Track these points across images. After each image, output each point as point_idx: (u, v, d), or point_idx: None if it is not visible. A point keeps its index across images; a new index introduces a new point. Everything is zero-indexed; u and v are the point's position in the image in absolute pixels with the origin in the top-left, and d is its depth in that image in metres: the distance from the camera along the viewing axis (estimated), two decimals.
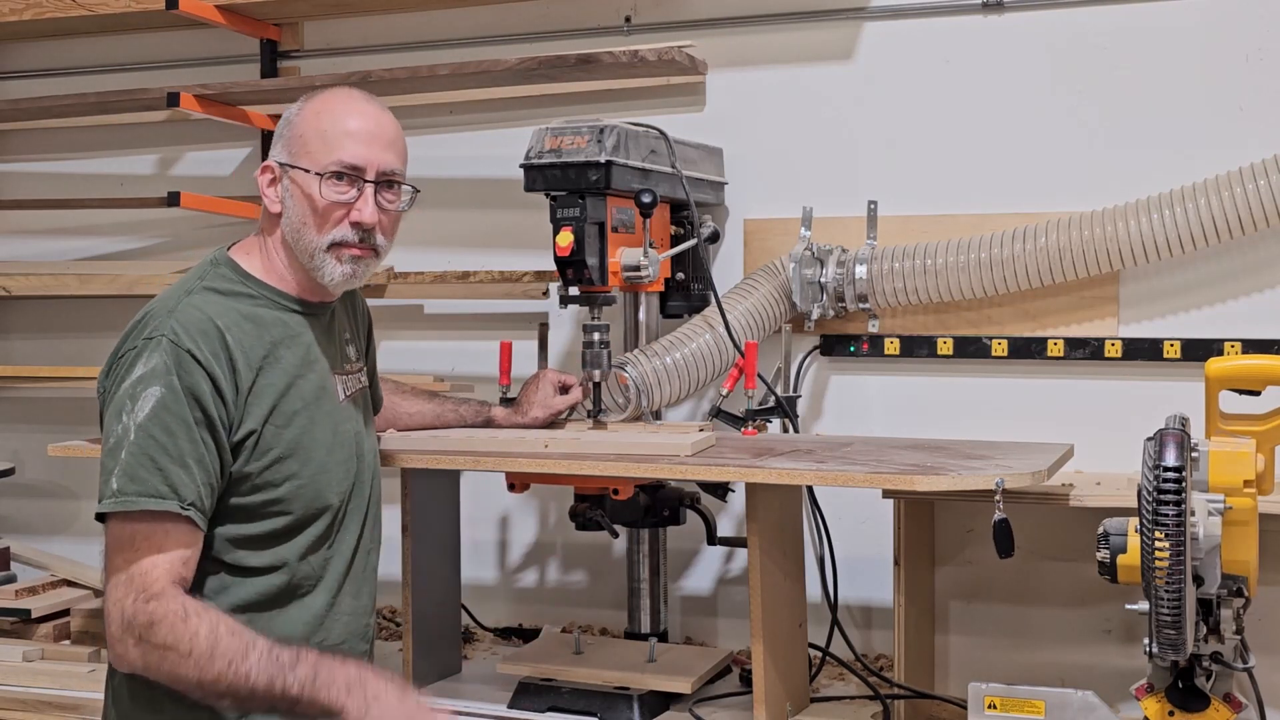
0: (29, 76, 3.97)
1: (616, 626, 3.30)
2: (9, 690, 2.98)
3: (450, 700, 2.82)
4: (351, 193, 2.09)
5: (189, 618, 1.87)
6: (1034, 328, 3.04)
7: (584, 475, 2.56)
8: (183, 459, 1.92)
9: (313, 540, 2.07)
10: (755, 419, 2.94)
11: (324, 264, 2.10)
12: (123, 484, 1.90)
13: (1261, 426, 2.15)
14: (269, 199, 2.12)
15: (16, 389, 3.86)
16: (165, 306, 2.01)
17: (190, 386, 1.93)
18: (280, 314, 2.09)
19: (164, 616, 1.87)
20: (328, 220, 2.09)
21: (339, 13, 3.60)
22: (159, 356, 1.94)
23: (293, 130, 2.11)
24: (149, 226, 3.86)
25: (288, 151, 2.10)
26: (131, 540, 1.90)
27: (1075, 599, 2.93)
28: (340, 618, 2.12)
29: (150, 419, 1.91)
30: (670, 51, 3.07)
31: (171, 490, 1.91)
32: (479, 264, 3.45)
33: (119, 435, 1.92)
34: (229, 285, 2.07)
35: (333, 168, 2.08)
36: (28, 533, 3.90)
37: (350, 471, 2.15)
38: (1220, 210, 2.76)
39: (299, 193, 2.09)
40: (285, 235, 2.11)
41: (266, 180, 2.12)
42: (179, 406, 1.92)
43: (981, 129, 3.08)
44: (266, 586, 2.03)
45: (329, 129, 2.09)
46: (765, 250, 3.20)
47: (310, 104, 2.13)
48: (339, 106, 2.12)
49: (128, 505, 1.90)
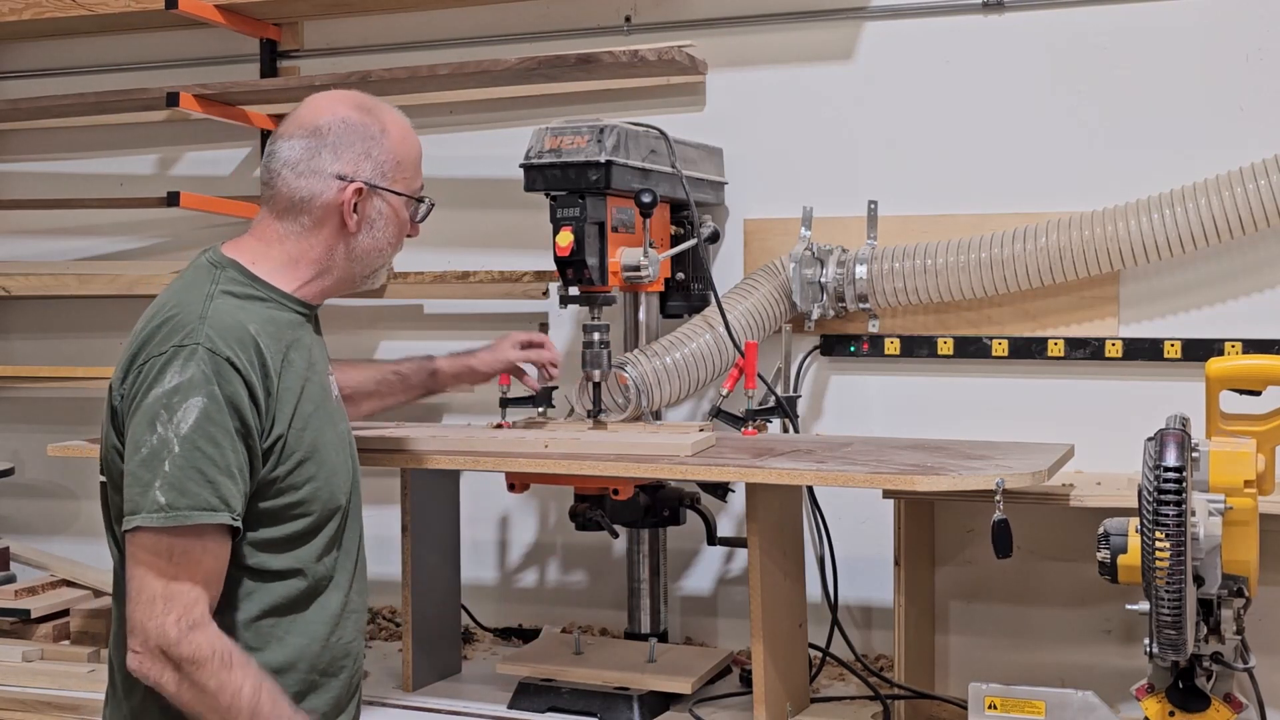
0: (29, 76, 3.97)
1: (616, 626, 3.30)
2: (9, 690, 2.98)
3: (450, 700, 2.83)
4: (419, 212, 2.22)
5: (234, 668, 1.88)
6: (1034, 328, 3.04)
7: (584, 475, 2.56)
8: (229, 469, 1.90)
9: (327, 540, 2.07)
10: (755, 419, 2.94)
11: (381, 275, 2.22)
12: (172, 498, 1.87)
13: (1262, 426, 2.15)
14: (350, 218, 2.09)
15: (16, 389, 3.86)
16: (192, 312, 1.96)
17: (230, 395, 1.91)
18: (289, 315, 2.08)
19: (208, 657, 1.87)
20: (403, 238, 2.20)
21: (339, 12, 3.60)
22: (196, 365, 1.90)
23: (385, 154, 2.10)
24: (149, 226, 3.86)
25: (381, 174, 2.10)
26: (170, 553, 1.88)
27: (1075, 599, 2.93)
28: (351, 615, 2.13)
29: (195, 430, 1.88)
30: (670, 51, 3.07)
31: (223, 502, 1.89)
32: (479, 264, 3.45)
33: (154, 446, 1.88)
34: (242, 289, 2.04)
35: (419, 193, 2.20)
36: (27, 533, 3.90)
37: (349, 470, 2.15)
38: (1220, 210, 2.76)
39: (393, 216, 2.14)
40: (356, 252, 2.12)
41: (352, 198, 2.08)
42: (222, 416, 1.90)
43: (981, 129, 3.08)
44: (288, 590, 2.02)
45: (415, 155, 2.18)
46: (765, 250, 3.20)
47: (391, 125, 2.13)
48: (409, 129, 2.18)
49: (180, 520, 1.87)
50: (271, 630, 2.01)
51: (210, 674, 1.87)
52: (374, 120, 2.11)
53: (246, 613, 1.99)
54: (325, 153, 2.07)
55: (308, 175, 2.07)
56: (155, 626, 1.87)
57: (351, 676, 2.15)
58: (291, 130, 2.09)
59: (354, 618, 2.14)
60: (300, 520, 2.03)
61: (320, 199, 2.07)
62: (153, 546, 1.88)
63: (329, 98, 2.14)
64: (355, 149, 2.08)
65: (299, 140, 2.08)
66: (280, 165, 2.08)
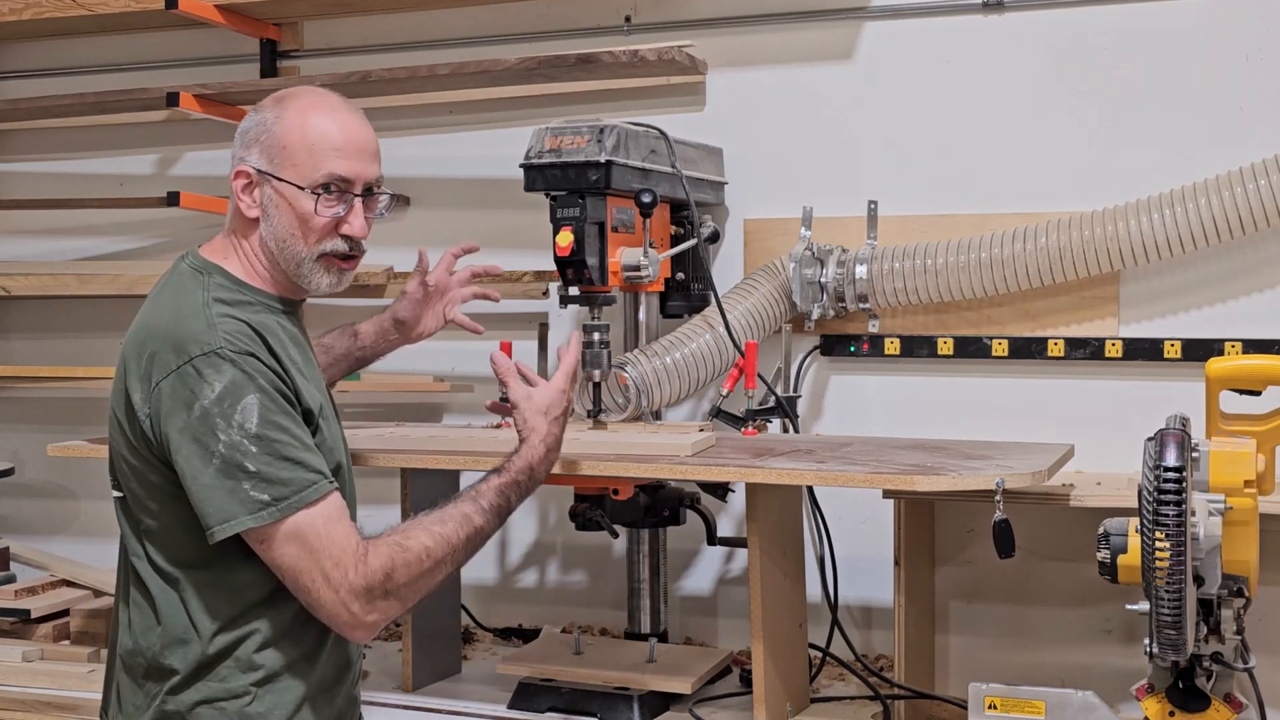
0: (29, 76, 3.97)
1: (616, 626, 3.30)
2: (9, 690, 2.98)
3: (450, 700, 2.83)
4: (340, 207, 2.07)
5: (406, 548, 1.98)
6: (1034, 328, 3.04)
7: (584, 475, 2.56)
8: (305, 445, 1.96)
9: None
10: (755, 419, 2.94)
11: (311, 273, 2.09)
12: (275, 492, 1.90)
13: (1262, 426, 2.15)
14: (245, 204, 2.07)
15: (16, 389, 3.86)
16: (198, 321, 1.97)
17: (272, 383, 1.95)
18: (276, 316, 2.08)
19: (387, 562, 1.96)
20: (318, 233, 2.07)
21: (339, 12, 3.60)
22: (229, 370, 1.92)
23: (273, 138, 2.05)
24: (149, 226, 3.86)
25: (268, 159, 2.05)
26: (300, 534, 1.92)
27: (1075, 599, 2.93)
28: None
29: (262, 425, 1.91)
30: (670, 51, 3.07)
31: (317, 473, 1.95)
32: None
33: (225, 454, 1.90)
34: (229, 294, 2.04)
35: (322, 182, 2.05)
36: (27, 533, 3.90)
37: (348, 465, 2.17)
38: (1220, 210, 2.76)
39: (284, 204, 2.05)
40: (266, 241, 2.08)
41: (242, 185, 2.07)
42: (276, 403, 1.95)
43: (981, 129, 3.08)
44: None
45: (316, 142, 2.05)
46: (765, 250, 3.20)
47: (290, 110, 2.07)
48: (323, 116, 2.07)
49: (293, 508, 1.91)
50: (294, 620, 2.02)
51: (402, 569, 1.96)
52: (276, 107, 2.09)
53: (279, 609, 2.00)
54: (237, 146, 2.10)
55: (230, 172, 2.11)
56: (347, 594, 1.93)
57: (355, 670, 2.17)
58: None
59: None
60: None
61: (230, 189, 2.10)
62: (281, 539, 1.92)
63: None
64: (249, 136, 2.09)
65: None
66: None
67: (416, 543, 2.00)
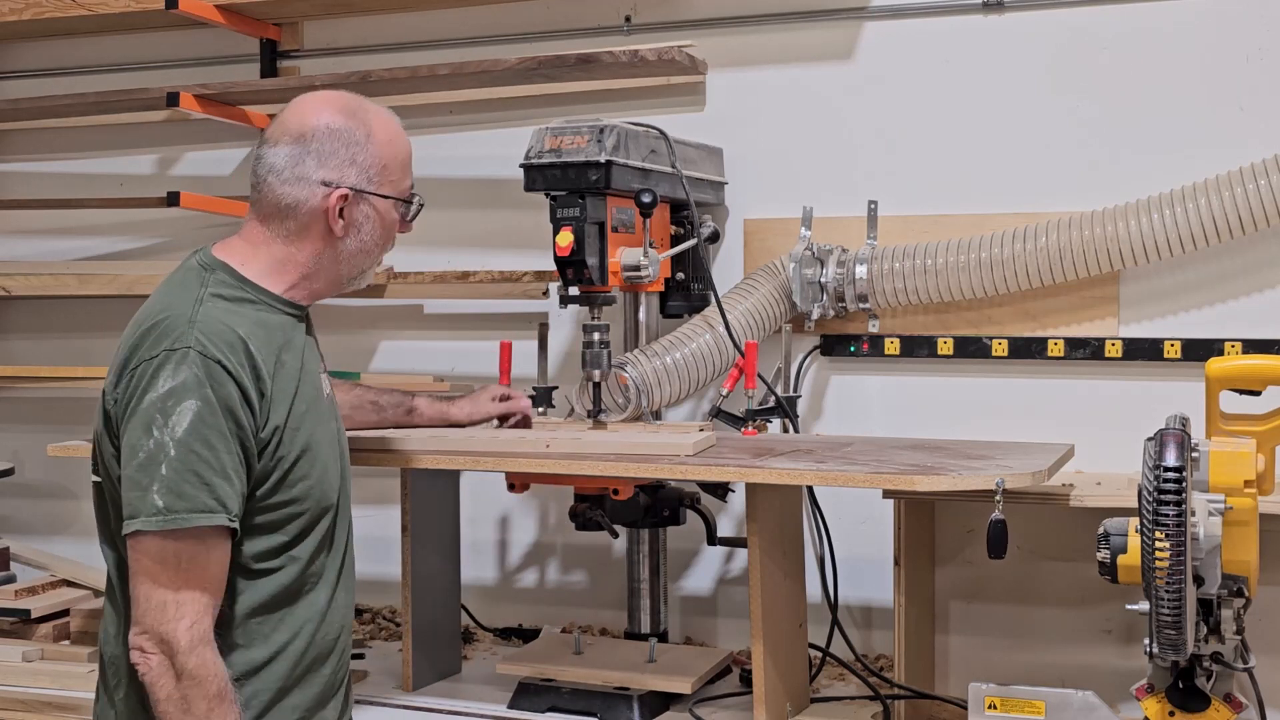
0: (29, 76, 3.97)
1: (616, 626, 3.30)
2: (9, 690, 2.98)
3: (450, 700, 2.83)
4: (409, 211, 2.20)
5: (225, 702, 1.91)
6: (1034, 328, 3.04)
7: (584, 475, 2.56)
8: (225, 471, 1.92)
9: (320, 539, 2.08)
10: (755, 419, 2.94)
11: (369, 276, 2.20)
12: (170, 501, 1.88)
13: (1262, 426, 2.15)
14: (338, 225, 2.08)
15: (16, 389, 3.86)
16: (182, 316, 1.97)
17: (223, 397, 1.92)
18: (280, 318, 2.08)
19: (209, 679, 1.90)
20: (393, 239, 2.19)
21: (339, 12, 3.60)
22: (188, 369, 1.91)
23: (370, 159, 2.09)
24: (149, 226, 3.86)
25: (366, 178, 2.09)
26: (177, 559, 1.89)
27: (1075, 599, 2.93)
28: (337, 611, 2.13)
29: (190, 433, 1.89)
30: (670, 51, 3.07)
31: (219, 504, 1.91)
32: (479, 264, 3.45)
33: (151, 450, 1.89)
34: (231, 291, 2.04)
35: (410, 194, 2.17)
36: (27, 533, 3.90)
37: (340, 469, 2.16)
38: (1220, 210, 2.76)
39: (379, 219, 2.13)
40: (343, 256, 2.12)
41: (338, 204, 2.07)
42: (215, 419, 1.91)
43: (981, 129, 3.08)
44: (276, 587, 2.03)
45: (405, 157, 2.16)
46: (765, 250, 3.20)
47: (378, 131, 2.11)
48: (399, 132, 2.16)
49: (178, 523, 1.88)
50: (259, 628, 2.01)
51: (203, 696, 1.89)
52: (359, 124, 2.09)
53: (239, 609, 1.99)
54: (310, 159, 2.06)
55: (293, 182, 2.06)
56: (168, 631, 1.88)
57: (336, 672, 2.14)
58: (277, 136, 2.08)
59: (340, 613, 2.14)
60: (294, 519, 2.04)
61: (306, 205, 2.06)
62: (158, 552, 1.89)
63: (315, 101, 2.12)
64: (340, 155, 2.07)
65: (284, 147, 2.07)
66: (266, 171, 2.07)
67: (218, 689, 1.91)
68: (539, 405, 3.02)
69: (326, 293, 2.16)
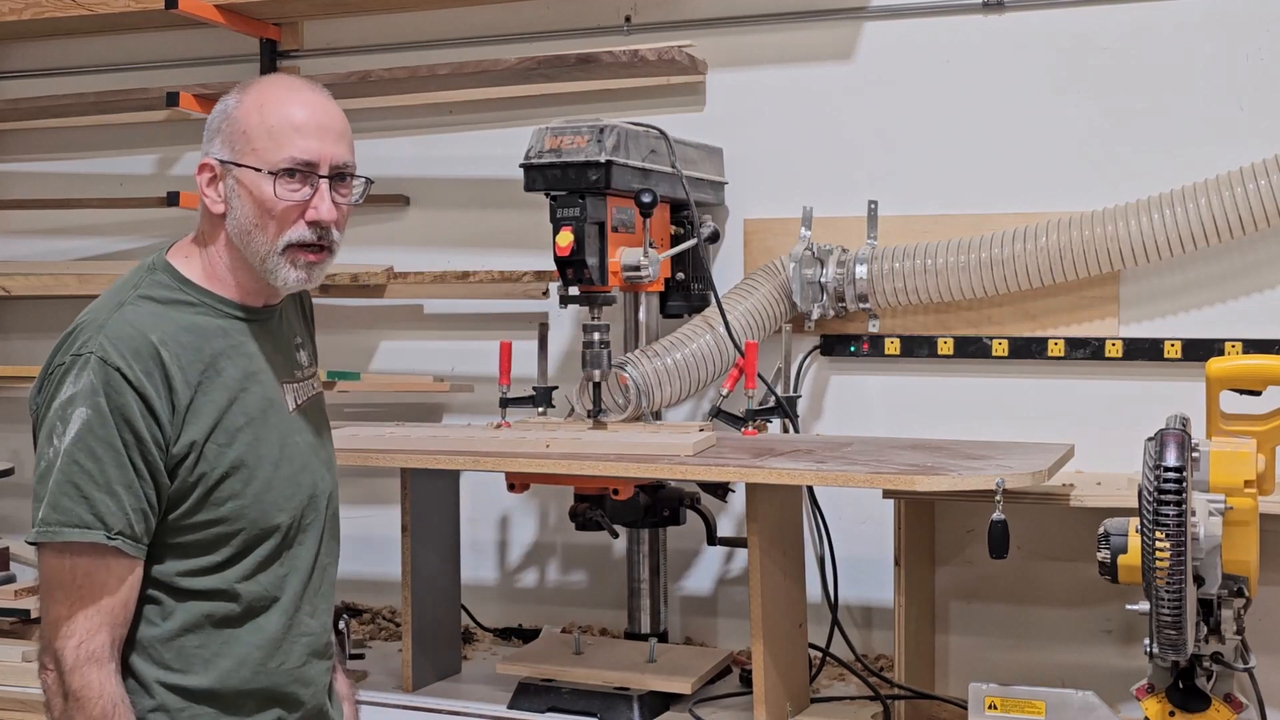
0: (29, 76, 3.97)
1: (616, 626, 3.30)
2: (9, 690, 2.98)
3: (450, 700, 2.83)
4: (305, 190, 1.93)
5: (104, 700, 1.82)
6: (1034, 328, 3.04)
7: (584, 475, 2.56)
8: (110, 485, 1.82)
9: (259, 562, 1.95)
10: (755, 419, 2.94)
11: (278, 267, 1.95)
12: (47, 513, 1.82)
13: (1262, 426, 2.15)
14: (210, 199, 1.95)
15: (16, 389, 3.85)
16: (96, 320, 1.88)
17: (120, 407, 1.82)
18: (222, 322, 1.96)
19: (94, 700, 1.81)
20: (282, 221, 1.93)
21: (339, 12, 3.60)
22: (87, 375, 1.82)
23: (233, 125, 1.94)
24: (149, 226, 3.86)
25: (229, 148, 1.93)
26: (73, 576, 1.82)
27: (1075, 599, 2.93)
28: (300, 639, 2.00)
29: (75, 443, 1.82)
30: (670, 51, 3.07)
31: (98, 519, 1.81)
32: (479, 264, 3.45)
33: (49, 460, 1.84)
34: (166, 293, 1.94)
35: (284, 165, 1.92)
36: (27, 533, 3.89)
37: (302, 486, 2.01)
38: (1220, 210, 2.76)
39: (246, 193, 1.93)
40: (231, 237, 1.96)
41: (206, 179, 1.95)
42: (105, 429, 1.82)
43: (981, 129, 3.08)
44: (212, 609, 1.92)
45: (276, 123, 1.92)
46: (765, 250, 3.20)
47: (249, 95, 1.95)
48: (283, 97, 1.95)
49: (53, 536, 1.82)
50: (197, 651, 1.91)
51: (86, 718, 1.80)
52: (235, 96, 1.96)
53: (165, 630, 1.90)
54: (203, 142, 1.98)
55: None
56: (59, 647, 1.82)
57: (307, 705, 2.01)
58: None
59: (305, 641, 2.00)
60: (226, 540, 1.92)
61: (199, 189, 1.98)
62: (54, 566, 1.83)
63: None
64: (211, 126, 1.97)
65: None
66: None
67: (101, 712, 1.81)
68: (539, 405, 3.03)
69: (254, 286, 1.99)
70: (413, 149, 3.57)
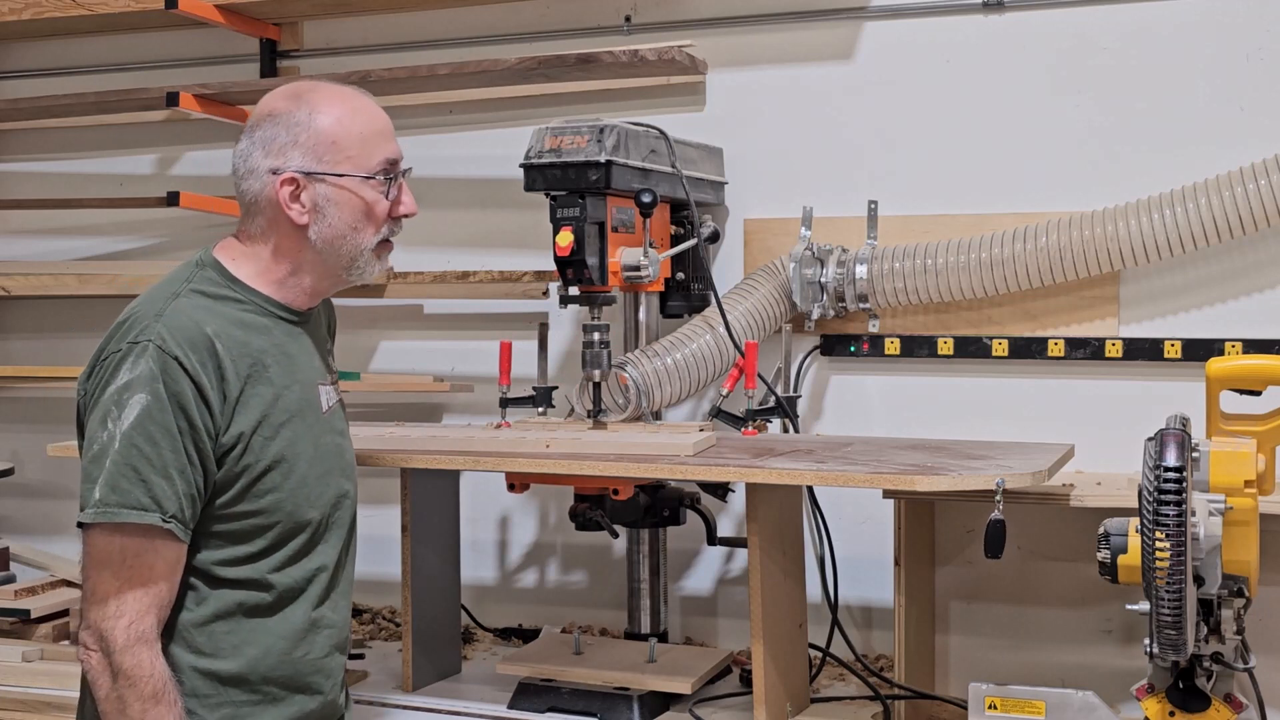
0: (29, 76, 3.97)
1: (616, 626, 3.30)
2: (9, 690, 2.98)
3: (450, 700, 2.83)
4: (390, 189, 2.10)
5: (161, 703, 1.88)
6: (1034, 328, 3.04)
7: (584, 475, 2.56)
8: (166, 469, 1.88)
9: (291, 555, 2.03)
10: (755, 419, 2.94)
11: (368, 264, 2.11)
12: (105, 494, 1.87)
13: (1262, 426, 2.15)
14: (295, 211, 2.03)
15: (16, 389, 3.86)
16: (151, 310, 1.95)
17: (176, 394, 1.89)
18: (267, 321, 2.05)
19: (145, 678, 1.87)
20: (379, 220, 2.09)
21: (339, 12, 3.60)
22: (145, 363, 1.89)
23: (315, 137, 2.03)
24: (149, 226, 3.86)
25: (316, 159, 2.02)
26: (122, 557, 1.88)
27: (1075, 599, 2.93)
28: (323, 631, 2.08)
29: (134, 427, 1.87)
30: (670, 51, 3.07)
31: (154, 502, 1.87)
32: (479, 264, 3.45)
33: (103, 443, 1.88)
34: (216, 289, 2.02)
35: (380, 168, 2.07)
36: (27, 533, 3.90)
37: (331, 485, 2.10)
38: (1220, 210, 2.76)
39: (345, 199, 2.04)
40: (316, 244, 2.05)
41: (290, 192, 2.03)
42: (164, 415, 1.88)
43: (981, 129, 3.08)
44: (244, 598, 1.99)
45: (363, 130, 2.06)
46: (765, 250, 3.20)
47: (324, 108, 2.05)
48: (355, 105, 2.08)
49: (110, 517, 1.86)
50: (226, 636, 1.98)
51: (138, 696, 1.87)
52: (301, 106, 2.05)
53: (199, 615, 1.96)
54: (257, 150, 2.04)
55: (249, 176, 2.05)
56: (107, 628, 1.87)
57: (326, 696, 2.09)
58: (243, 133, 2.08)
59: (327, 634, 2.09)
60: (262, 531, 2.00)
61: (263, 197, 2.04)
62: (103, 546, 1.88)
63: (271, 93, 2.10)
64: (281, 139, 2.03)
65: (243, 141, 2.07)
66: (234, 169, 2.08)
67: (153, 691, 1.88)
68: (539, 405, 3.02)
69: (326, 288, 2.12)
70: (413, 149, 3.53)
